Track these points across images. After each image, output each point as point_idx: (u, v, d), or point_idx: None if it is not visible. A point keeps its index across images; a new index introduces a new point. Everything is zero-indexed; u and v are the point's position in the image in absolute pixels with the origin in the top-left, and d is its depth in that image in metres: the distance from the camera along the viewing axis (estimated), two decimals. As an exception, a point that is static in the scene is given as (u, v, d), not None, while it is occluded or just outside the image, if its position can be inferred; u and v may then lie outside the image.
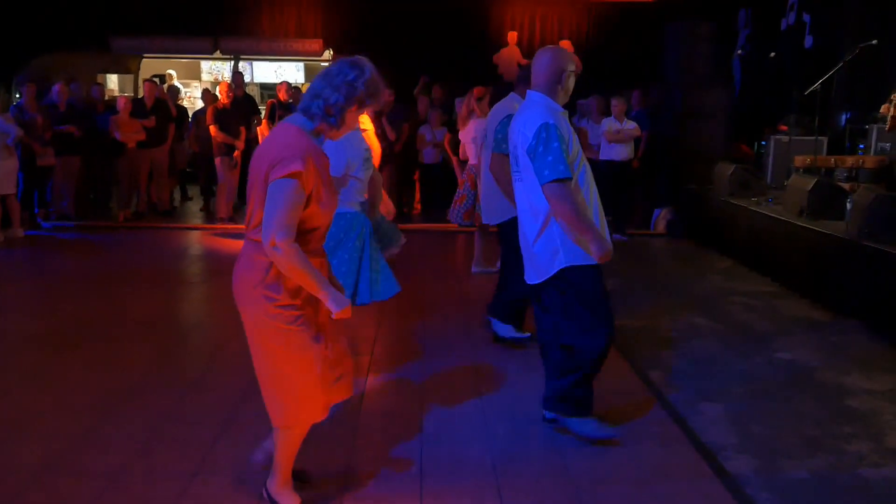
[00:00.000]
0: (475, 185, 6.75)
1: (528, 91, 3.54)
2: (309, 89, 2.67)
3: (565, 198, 3.20)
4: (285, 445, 2.80)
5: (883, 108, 7.38)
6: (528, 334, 4.92)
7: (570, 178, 3.24)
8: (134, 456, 3.33)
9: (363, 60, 2.64)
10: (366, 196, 4.32)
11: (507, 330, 5.02)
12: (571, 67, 3.42)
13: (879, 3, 9.75)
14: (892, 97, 7.11)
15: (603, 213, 3.48)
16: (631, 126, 8.84)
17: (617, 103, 8.83)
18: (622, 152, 8.85)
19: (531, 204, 3.43)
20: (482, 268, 6.96)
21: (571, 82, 3.44)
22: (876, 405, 4.07)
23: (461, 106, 9.68)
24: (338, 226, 4.03)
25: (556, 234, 3.38)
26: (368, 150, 4.27)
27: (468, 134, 7.02)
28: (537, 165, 3.25)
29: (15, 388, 4.13)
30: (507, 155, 4.28)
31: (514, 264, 4.68)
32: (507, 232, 4.77)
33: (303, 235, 2.53)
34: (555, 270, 3.40)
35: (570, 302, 3.46)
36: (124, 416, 3.77)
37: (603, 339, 3.46)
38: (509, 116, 4.45)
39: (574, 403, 3.57)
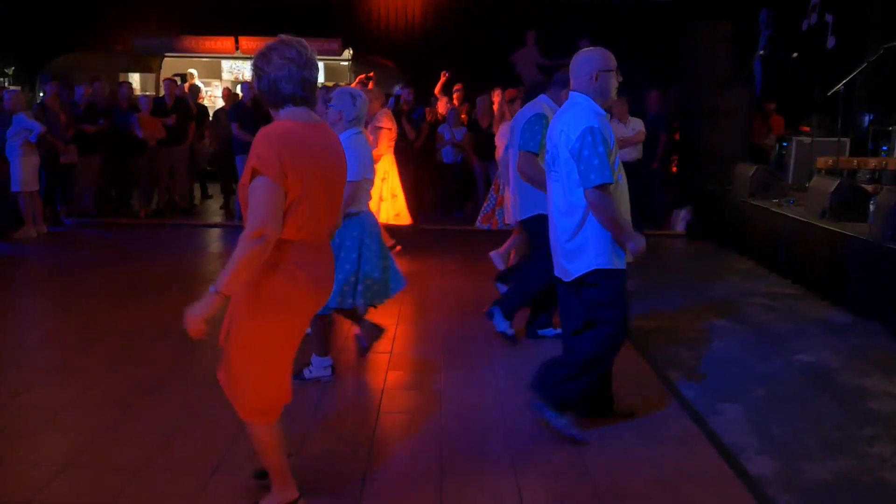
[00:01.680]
0: (498, 190, 6.79)
1: (570, 92, 3.53)
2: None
3: (607, 202, 3.29)
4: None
5: None
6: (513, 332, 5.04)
7: (613, 183, 3.31)
8: (155, 451, 3.36)
9: None
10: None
11: (505, 325, 5.04)
12: (609, 67, 3.43)
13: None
14: None
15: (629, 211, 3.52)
16: (631, 132, 8.78)
17: (617, 105, 8.78)
18: (630, 153, 8.82)
19: (567, 203, 3.45)
20: (500, 258, 6.79)
21: (611, 82, 3.44)
22: (898, 408, 4.04)
23: (482, 105, 9.74)
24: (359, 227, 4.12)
25: (591, 235, 3.41)
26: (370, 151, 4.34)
27: (501, 137, 7.09)
28: (582, 168, 3.29)
29: (38, 384, 4.18)
30: (535, 153, 4.40)
31: (536, 261, 4.73)
32: (533, 229, 4.82)
33: None
34: (587, 269, 3.44)
35: (595, 301, 3.50)
36: (145, 412, 3.81)
37: (610, 340, 3.53)
38: (537, 115, 4.56)
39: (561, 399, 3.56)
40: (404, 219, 7.39)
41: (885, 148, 9.09)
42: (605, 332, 3.51)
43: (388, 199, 7.00)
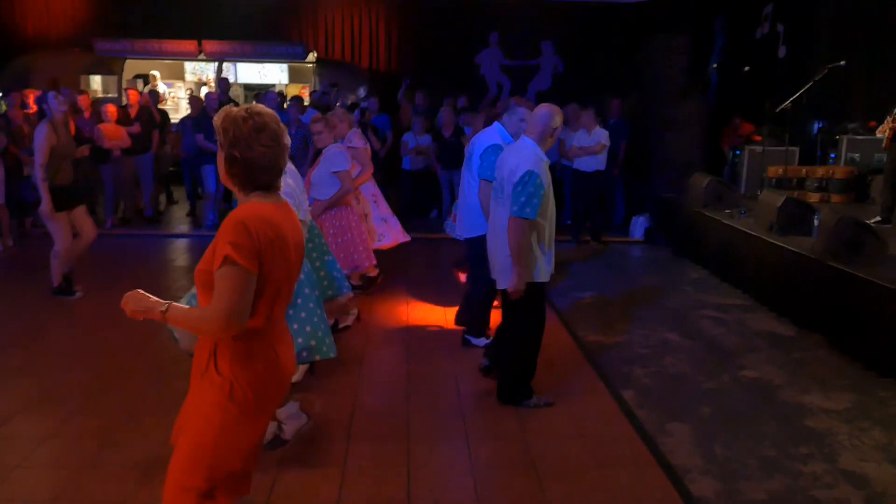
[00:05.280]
0: None
1: (522, 136, 4.36)
2: None
3: (520, 232, 4.14)
4: None
5: (879, 130, 7.49)
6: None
7: (532, 220, 4.12)
8: (136, 485, 3.53)
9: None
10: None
11: (482, 341, 5.48)
12: (559, 125, 4.30)
13: (850, 15, 10.03)
14: (888, 119, 7.24)
15: (553, 239, 4.36)
16: (594, 142, 9.05)
17: (584, 115, 9.06)
18: (592, 163, 9.09)
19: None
20: None
21: (557, 136, 4.37)
22: (832, 425, 4.35)
23: (446, 115, 9.93)
24: None
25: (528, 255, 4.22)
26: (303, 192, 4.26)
27: None
28: (513, 199, 4.14)
29: (15, 415, 4.30)
30: (493, 181, 4.80)
31: (481, 272, 5.10)
32: (478, 245, 5.12)
33: None
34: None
35: (522, 307, 4.35)
36: (124, 443, 3.95)
37: (536, 337, 4.50)
38: (494, 146, 4.92)
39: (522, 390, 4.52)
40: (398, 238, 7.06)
41: (832, 156, 9.51)
42: (520, 333, 4.44)
43: (382, 223, 6.85)
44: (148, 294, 2.35)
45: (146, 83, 13.52)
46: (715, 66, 10.90)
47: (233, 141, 2.31)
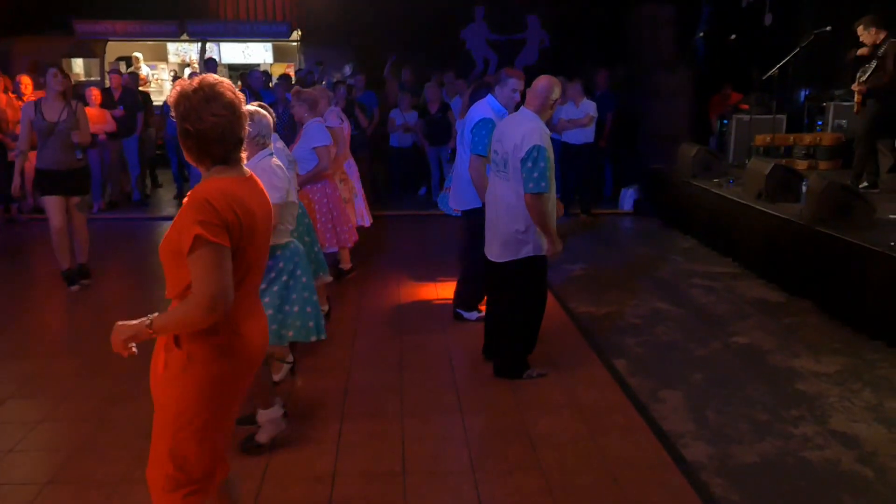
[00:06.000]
0: None
1: (522, 108, 4.38)
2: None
3: (539, 205, 4.19)
4: None
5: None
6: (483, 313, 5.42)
7: (546, 192, 4.15)
8: (132, 464, 3.53)
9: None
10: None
11: (474, 315, 5.56)
12: (559, 96, 4.35)
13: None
14: (853, 86, 7.25)
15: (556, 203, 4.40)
16: (581, 114, 9.02)
17: (571, 87, 9.01)
18: (580, 136, 9.07)
19: (516, 199, 4.25)
20: None
21: (556, 107, 4.42)
22: (822, 388, 4.39)
23: (432, 91, 9.87)
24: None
25: (532, 229, 4.27)
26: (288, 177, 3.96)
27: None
28: (525, 176, 4.15)
29: (6, 400, 4.29)
30: (484, 156, 4.76)
31: (476, 248, 5.10)
32: (474, 220, 5.19)
33: None
34: (524, 256, 4.33)
35: (526, 280, 4.40)
36: (118, 425, 3.95)
37: (540, 310, 4.54)
38: (484, 120, 4.90)
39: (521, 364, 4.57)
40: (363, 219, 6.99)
41: (819, 123, 9.51)
42: (524, 307, 4.46)
43: (351, 201, 6.82)
44: (126, 321, 2.31)
45: (129, 65, 13.37)
46: (701, 35, 10.85)
47: (184, 114, 2.22)
